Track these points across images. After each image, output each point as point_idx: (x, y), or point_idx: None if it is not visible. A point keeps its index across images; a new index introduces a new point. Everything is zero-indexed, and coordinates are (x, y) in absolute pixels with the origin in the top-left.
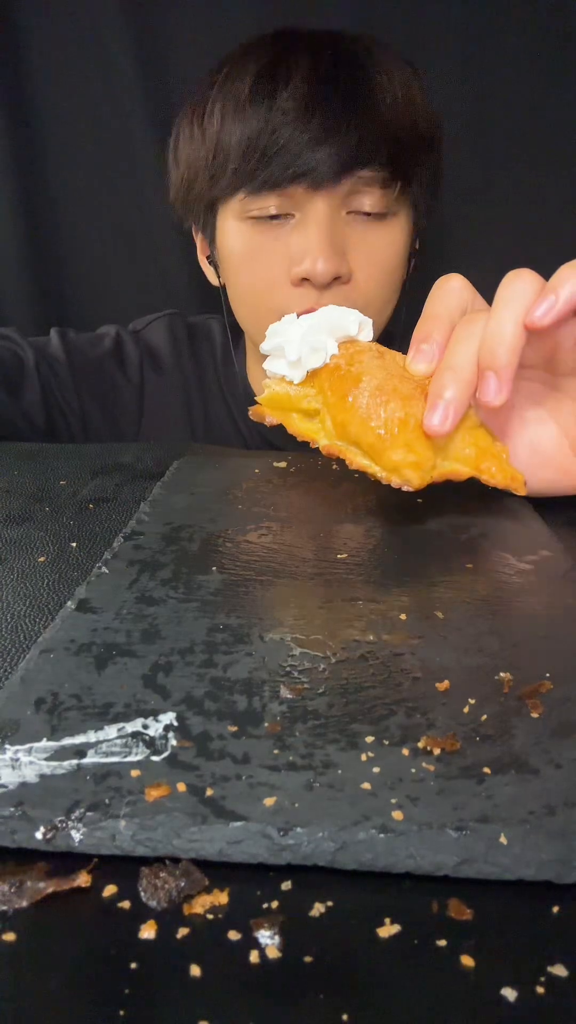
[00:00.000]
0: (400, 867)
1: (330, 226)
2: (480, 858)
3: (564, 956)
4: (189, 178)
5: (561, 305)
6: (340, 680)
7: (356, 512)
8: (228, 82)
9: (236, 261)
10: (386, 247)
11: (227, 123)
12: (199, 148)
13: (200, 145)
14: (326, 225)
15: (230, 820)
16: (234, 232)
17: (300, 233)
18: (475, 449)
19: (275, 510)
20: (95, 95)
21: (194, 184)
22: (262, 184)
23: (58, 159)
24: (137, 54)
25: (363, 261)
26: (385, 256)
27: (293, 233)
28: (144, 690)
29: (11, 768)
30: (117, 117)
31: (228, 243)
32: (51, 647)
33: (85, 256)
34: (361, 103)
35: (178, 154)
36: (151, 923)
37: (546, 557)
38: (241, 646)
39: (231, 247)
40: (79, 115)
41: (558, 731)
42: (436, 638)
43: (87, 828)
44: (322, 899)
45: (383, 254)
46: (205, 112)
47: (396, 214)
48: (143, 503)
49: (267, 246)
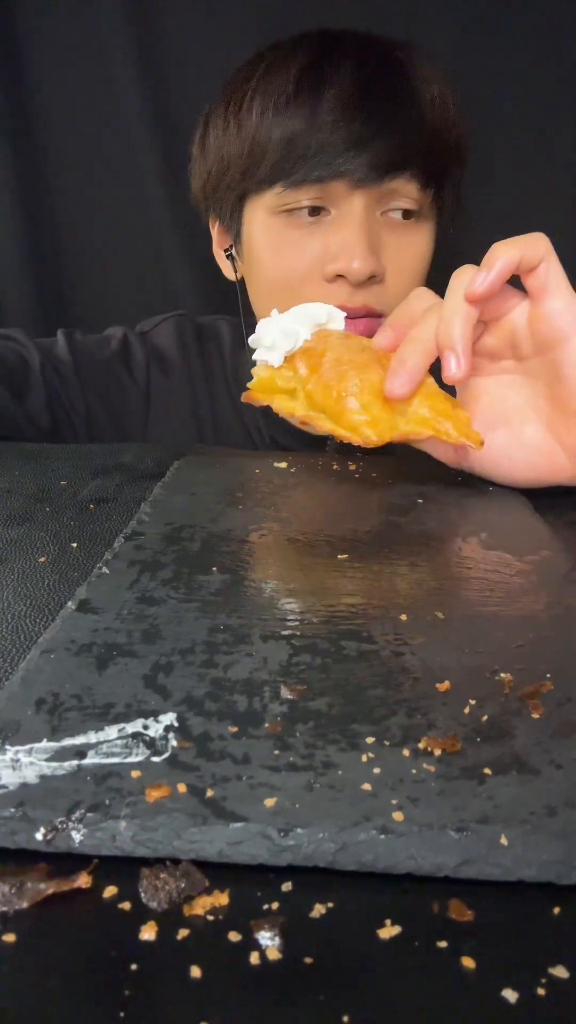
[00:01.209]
0: (401, 868)
1: (368, 225)
2: (481, 859)
3: (565, 957)
4: (219, 170)
5: (494, 275)
6: (340, 681)
7: (357, 512)
8: (269, 76)
9: (266, 254)
10: (416, 250)
11: (267, 119)
12: (233, 141)
13: (235, 138)
14: (364, 224)
15: (230, 821)
16: (265, 225)
17: (337, 230)
18: (432, 412)
19: (276, 510)
20: (96, 96)
21: (224, 176)
22: (302, 178)
23: (58, 159)
24: (138, 56)
25: (396, 262)
26: (415, 258)
27: (330, 229)
28: (144, 690)
29: (11, 769)
30: (118, 118)
31: (258, 236)
32: (51, 647)
33: (85, 257)
34: (403, 107)
35: (207, 144)
36: (151, 924)
37: (546, 557)
38: (242, 646)
39: (261, 240)
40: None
41: (559, 731)
42: (437, 638)
43: (87, 829)
44: (323, 900)
45: (413, 256)
46: (243, 105)
47: (426, 218)
48: (144, 503)
49: (301, 241)
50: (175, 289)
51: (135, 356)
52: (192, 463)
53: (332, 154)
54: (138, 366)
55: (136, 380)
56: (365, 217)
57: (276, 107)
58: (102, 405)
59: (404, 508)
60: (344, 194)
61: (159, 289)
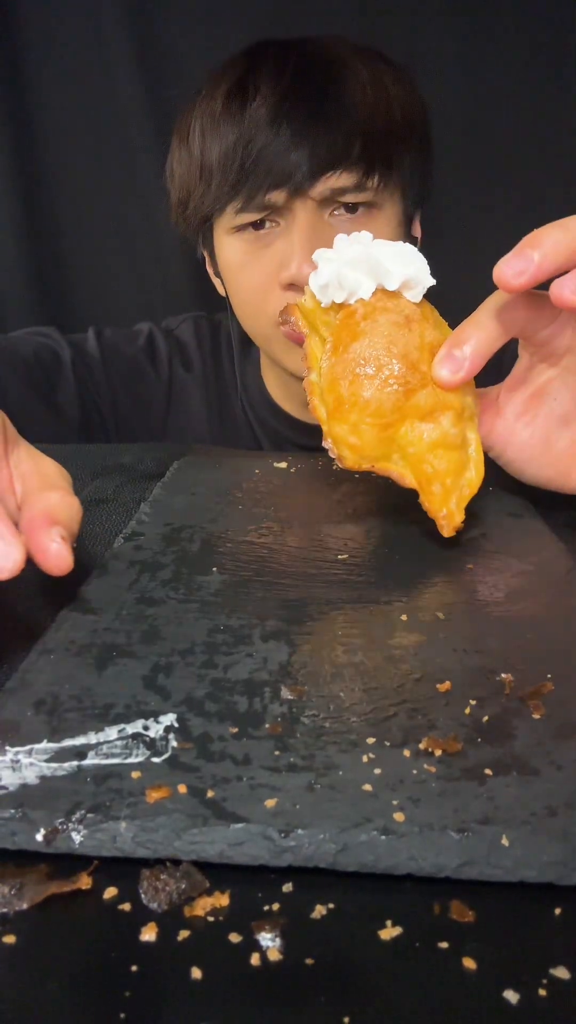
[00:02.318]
0: (401, 869)
1: (310, 231)
2: (482, 860)
3: (566, 958)
4: (183, 198)
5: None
6: (341, 681)
7: (356, 513)
8: (204, 101)
9: (231, 273)
10: None
11: (207, 140)
12: (187, 168)
13: (187, 165)
14: (307, 229)
15: (231, 822)
16: (226, 245)
17: (284, 239)
18: (435, 468)
19: (275, 511)
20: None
21: (188, 203)
22: (246, 196)
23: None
24: (138, 57)
25: None
26: None
27: (278, 240)
28: (144, 691)
29: (11, 770)
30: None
31: (224, 256)
32: (51, 648)
33: (86, 259)
34: (328, 105)
35: (173, 176)
36: (152, 925)
37: (547, 558)
38: (241, 647)
39: (226, 260)
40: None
41: (559, 732)
42: (437, 639)
43: (88, 830)
44: (323, 901)
45: None
46: (189, 132)
47: (381, 207)
48: (143, 504)
49: (256, 255)
50: (176, 291)
51: (159, 351)
52: (192, 463)
53: (266, 162)
54: (162, 361)
55: (159, 374)
56: (307, 222)
57: (212, 127)
58: (127, 397)
59: (404, 508)
60: (286, 204)
61: (160, 290)
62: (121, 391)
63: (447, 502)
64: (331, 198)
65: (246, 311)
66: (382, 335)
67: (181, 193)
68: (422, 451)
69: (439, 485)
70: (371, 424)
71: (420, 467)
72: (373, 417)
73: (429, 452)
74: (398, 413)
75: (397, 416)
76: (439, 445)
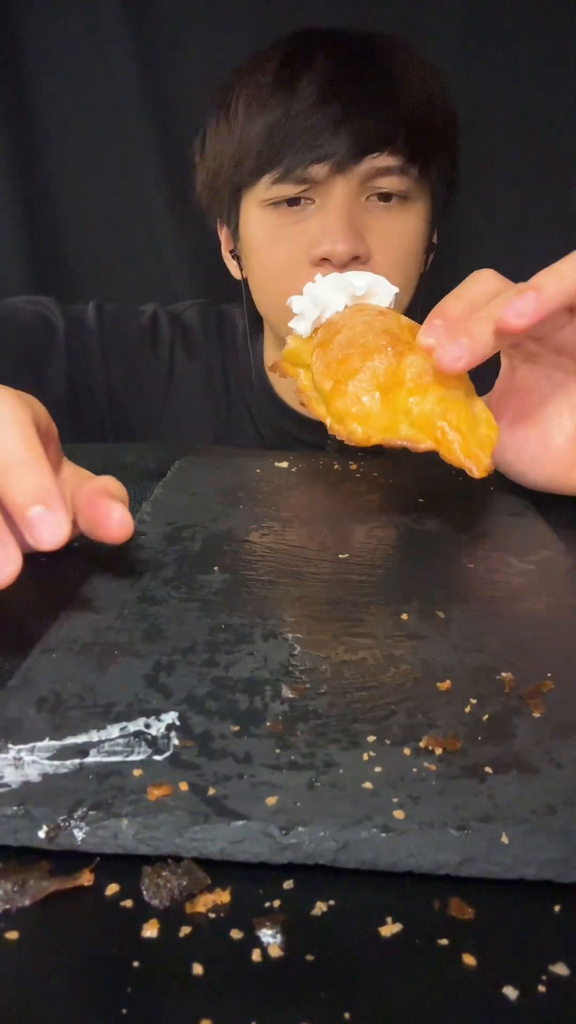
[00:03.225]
0: (402, 866)
1: (349, 209)
2: (481, 857)
3: (565, 955)
4: (215, 168)
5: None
6: (342, 680)
7: (358, 512)
8: (250, 75)
9: (259, 246)
10: (404, 231)
11: (251, 113)
12: (225, 140)
13: (226, 138)
14: (345, 207)
15: (232, 819)
16: (256, 219)
17: (320, 216)
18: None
19: (277, 510)
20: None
21: (219, 173)
22: (285, 168)
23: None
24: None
25: (382, 243)
26: (404, 240)
27: (313, 217)
28: (146, 689)
29: (14, 767)
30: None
31: (250, 230)
32: (53, 647)
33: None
34: (379, 88)
35: (205, 149)
36: (153, 922)
37: (547, 557)
38: (243, 646)
39: (253, 233)
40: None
41: (559, 730)
42: (437, 638)
43: (89, 827)
44: (324, 898)
45: (402, 238)
46: (230, 107)
47: (414, 200)
48: (145, 503)
49: (288, 230)
50: (175, 286)
51: (162, 334)
52: (193, 463)
53: (311, 137)
54: (163, 344)
55: (160, 357)
56: (346, 201)
57: (258, 102)
58: (124, 377)
59: (405, 508)
60: (326, 182)
61: (159, 286)
62: (118, 370)
63: (468, 448)
64: (371, 180)
65: (268, 288)
66: (361, 321)
67: (214, 164)
68: (429, 410)
69: (455, 434)
70: (368, 389)
71: (431, 424)
72: (369, 382)
73: (438, 406)
74: (393, 378)
75: (393, 381)
76: (445, 400)
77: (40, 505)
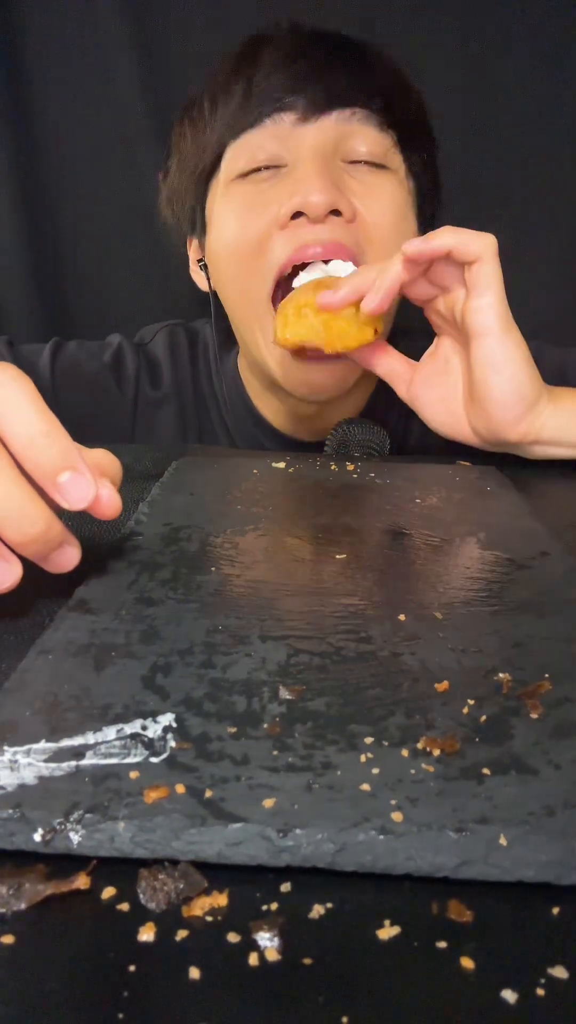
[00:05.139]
0: (400, 869)
1: (322, 161)
2: (480, 859)
3: (564, 958)
4: (178, 170)
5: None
6: (339, 681)
7: (354, 513)
8: (211, 77)
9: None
10: (389, 191)
11: (216, 105)
12: (189, 140)
13: (191, 136)
14: (318, 159)
15: (229, 822)
16: (225, 195)
17: (292, 174)
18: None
19: (273, 510)
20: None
21: (183, 173)
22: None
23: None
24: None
25: (367, 200)
26: (390, 198)
27: (287, 176)
28: (143, 691)
29: (9, 770)
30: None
31: (220, 209)
32: (50, 648)
33: (86, 261)
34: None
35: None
36: (150, 925)
37: (545, 558)
38: (240, 647)
39: (224, 210)
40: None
41: (557, 732)
42: (435, 639)
43: (86, 830)
44: (321, 901)
45: (388, 196)
46: (194, 109)
47: (395, 170)
48: (142, 503)
49: (261, 195)
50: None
51: (127, 368)
52: (190, 463)
53: (275, 92)
54: (127, 378)
55: (124, 392)
56: (318, 154)
57: (221, 91)
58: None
59: (401, 509)
60: (296, 140)
61: (160, 293)
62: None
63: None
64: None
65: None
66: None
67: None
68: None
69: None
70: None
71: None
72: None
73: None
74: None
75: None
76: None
77: (68, 471)
